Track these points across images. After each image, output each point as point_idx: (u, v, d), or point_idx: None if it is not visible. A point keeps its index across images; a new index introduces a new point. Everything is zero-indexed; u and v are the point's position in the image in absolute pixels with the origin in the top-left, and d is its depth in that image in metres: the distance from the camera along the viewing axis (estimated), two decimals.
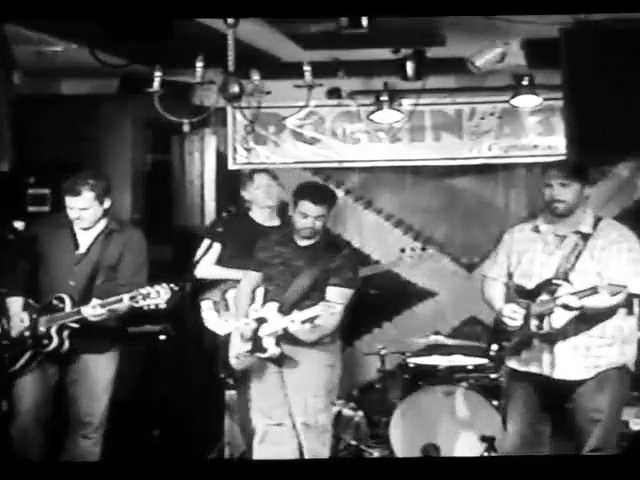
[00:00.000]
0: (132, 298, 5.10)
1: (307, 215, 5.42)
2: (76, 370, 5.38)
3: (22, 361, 5.24)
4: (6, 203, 6.19)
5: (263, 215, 6.41)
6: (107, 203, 5.38)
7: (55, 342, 5.22)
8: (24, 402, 5.28)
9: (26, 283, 5.35)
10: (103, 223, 5.40)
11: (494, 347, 5.11)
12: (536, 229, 5.08)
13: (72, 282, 5.32)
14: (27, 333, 5.24)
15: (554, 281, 4.88)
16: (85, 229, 5.37)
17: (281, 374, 5.47)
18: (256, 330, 5.39)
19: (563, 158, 5.71)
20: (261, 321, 5.39)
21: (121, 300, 5.12)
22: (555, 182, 4.92)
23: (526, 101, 7.11)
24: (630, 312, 4.96)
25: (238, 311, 5.65)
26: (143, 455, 6.31)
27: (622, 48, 5.21)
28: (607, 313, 4.88)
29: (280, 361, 5.43)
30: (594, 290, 4.69)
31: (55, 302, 5.27)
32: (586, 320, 4.86)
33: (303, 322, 5.17)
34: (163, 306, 5.12)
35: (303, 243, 5.52)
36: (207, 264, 6.24)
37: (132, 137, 6.94)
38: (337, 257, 5.45)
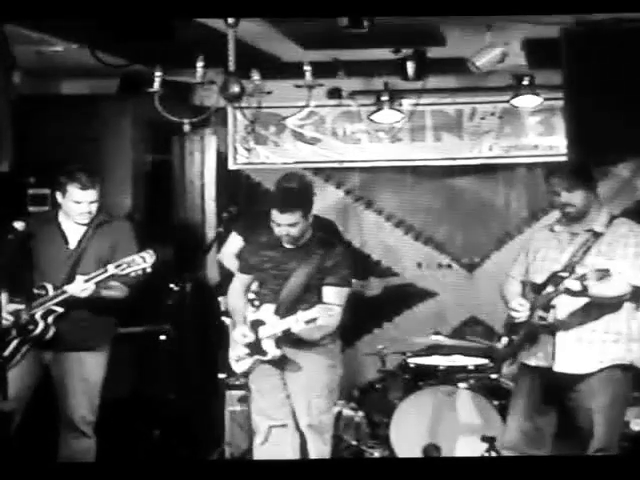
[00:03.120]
0: (117, 267, 5.11)
1: (279, 224, 5.27)
2: (65, 368, 5.36)
3: (7, 352, 5.16)
4: (6, 203, 6.19)
5: None
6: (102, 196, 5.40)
7: (40, 326, 5.21)
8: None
9: (12, 278, 5.28)
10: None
11: (504, 340, 5.17)
12: (552, 229, 5.17)
13: (63, 277, 5.29)
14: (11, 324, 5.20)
15: (560, 274, 4.92)
16: (82, 224, 5.35)
17: (282, 376, 5.46)
18: (255, 335, 5.38)
19: (564, 164, 5.66)
20: (258, 324, 5.38)
21: (106, 271, 5.13)
22: (560, 189, 4.98)
23: (527, 101, 7.11)
24: (638, 308, 4.97)
25: (235, 311, 5.63)
26: (143, 455, 6.31)
27: (622, 48, 5.20)
28: (611, 307, 4.90)
29: (281, 363, 5.42)
30: (583, 277, 4.72)
31: (37, 291, 5.25)
32: (590, 313, 4.90)
33: (307, 322, 5.14)
34: (149, 270, 5.13)
35: (290, 247, 5.44)
36: (230, 255, 6.25)
37: (132, 137, 6.94)
38: (331, 256, 5.35)
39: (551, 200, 5.13)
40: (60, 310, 5.23)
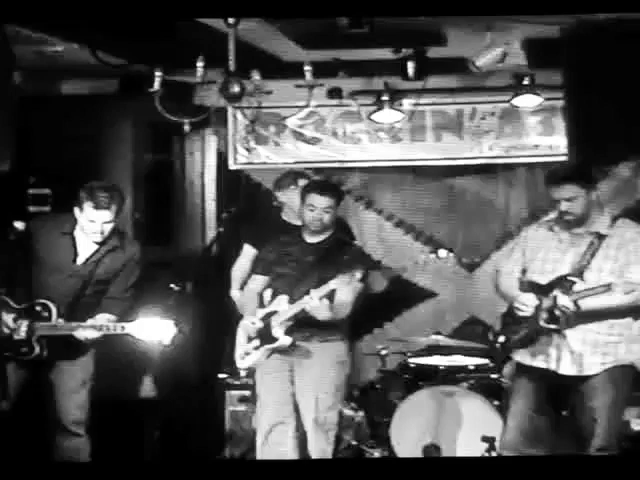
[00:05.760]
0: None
1: (314, 207, 5.45)
2: (54, 369, 5.30)
3: None
4: (7, 203, 6.18)
5: (295, 216, 6.34)
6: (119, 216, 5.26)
7: (36, 351, 5.14)
8: None
9: (10, 279, 5.19)
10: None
11: (501, 339, 5.15)
12: (551, 228, 5.12)
13: (64, 293, 5.21)
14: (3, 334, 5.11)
15: (569, 278, 4.89)
16: (94, 242, 5.23)
17: (291, 371, 5.48)
18: (266, 324, 5.41)
19: (561, 171, 5.56)
20: (271, 314, 5.42)
21: (123, 328, 5.12)
22: (560, 198, 4.94)
23: (527, 101, 7.11)
24: None
25: (246, 312, 5.65)
26: (143, 455, 6.31)
27: (623, 48, 5.21)
28: (620, 312, 4.88)
29: (291, 354, 5.43)
30: (607, 287, 4.70)
31: (39, 309, 5.15)
32: (596, 316, 4.87)
33: (321, 298, 5.20)
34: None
35: (312, 240, 5.54)
36: (243, 267, 6.23)
37: (132, 137, 6.94)
38: (346, 252, 5.50)
39: (553, 205, 5.06)
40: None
